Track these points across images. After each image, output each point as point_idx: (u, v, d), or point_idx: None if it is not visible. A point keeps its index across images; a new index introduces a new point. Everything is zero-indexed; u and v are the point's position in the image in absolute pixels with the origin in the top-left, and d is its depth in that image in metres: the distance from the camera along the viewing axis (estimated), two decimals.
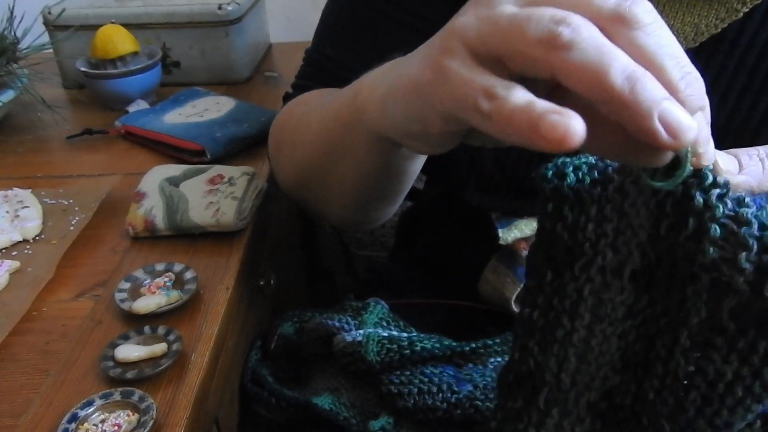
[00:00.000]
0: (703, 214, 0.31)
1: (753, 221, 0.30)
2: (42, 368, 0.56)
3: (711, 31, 0.53)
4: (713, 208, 0.31)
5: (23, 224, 0.71)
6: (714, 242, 0.30)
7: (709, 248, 0.30)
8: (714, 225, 0.30)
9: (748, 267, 0.30)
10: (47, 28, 1.04)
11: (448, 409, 0.56)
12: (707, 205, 0.31)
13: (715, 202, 0.31)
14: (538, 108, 0.29)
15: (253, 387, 0.66)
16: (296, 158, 0.64)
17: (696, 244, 0.31)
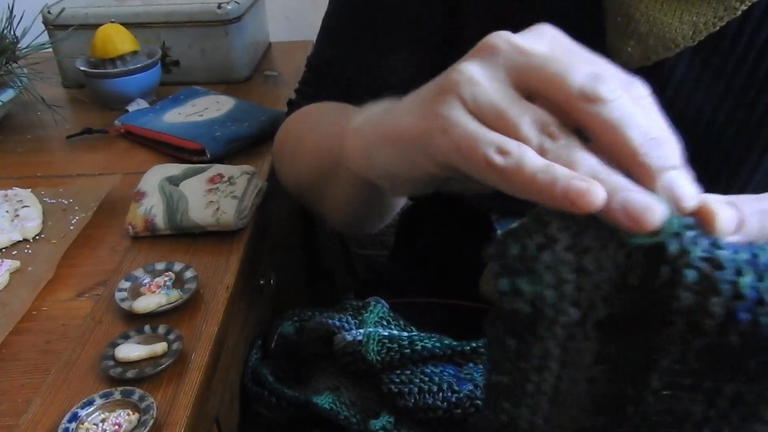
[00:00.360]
0: (678, 260, 0.30)
1: (727, 265, 0.30)
2: (42, 368, 0.56)
3: (709, 29, 0.53)
4: (688, 253, 0.30)
5: (23, 224, 0.71)
6: (689, 288, 0.30)
7: (684, 294, 0.30)
8: (689, 271, 0.29)
9: (719, 311, 0.29)
10: (47, 27, 1.04)
11: (448, 409, 0.56)
12: (682, 251, 0.30)
13: (689, 246, 0.30)
14: (560, 173, 0.31)
15: (253, 386, 0.66)
16: (294, 173, 0.67)
17: (671, 291, 0.30)
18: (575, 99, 0.33)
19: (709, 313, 0.29)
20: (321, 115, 0.67)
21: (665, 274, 0.30)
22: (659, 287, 0.30)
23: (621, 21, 0.54)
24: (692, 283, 0.30)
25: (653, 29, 0.53)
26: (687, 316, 0.30)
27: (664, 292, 0.30)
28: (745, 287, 0.29)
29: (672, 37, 0.53)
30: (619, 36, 0.55)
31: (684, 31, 0.53)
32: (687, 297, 0.30)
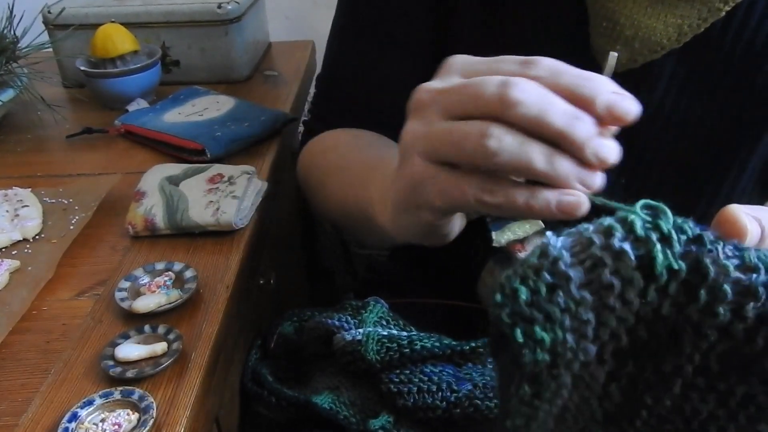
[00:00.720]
0: (717, 280, 0.29)
1: (760, 266, 0.29)
2: (42, 367, 0.56)
3: (694, 31, 0.53)
4: (726, 268, 0.29)
5: (23, 223, 0.71)
6: (727, 303, 0.29)
7: (721, 310, 0.29)
8: (728, 287, 0.29)
9: (751, 315, 0.29)
10: (47, 27, 1.04)
11: (447, 408, 0.56)
12: (720, 268, 0.29)
13: (724, 260, 0.29)
14: (549, 195, 0.37)
15: (253, 386, 0.66)
16: (327, 209, 0.71)
17: (708, 310, 0.29)
18: (499, 110, 0.36)
19: (742, 318, 0.29)
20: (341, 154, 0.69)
21: (704, 298, 0.29)
22: (695, 311, 0.29)
23: (606, 25, 0.55)
24: (733, 293, 0.29)
25: (638, 32, 0.54)
26: (719, 326, 0.29)
27: (701, 313, 0.29)
28: None
29: (657, 40, 0.54)
30: (605, 40, 0.55)
31: (669, 34, 0.53)
32: (725, 312, 0.29)
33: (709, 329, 0.30)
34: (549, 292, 0.30)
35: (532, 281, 0.30)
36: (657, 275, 0.29)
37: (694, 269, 0.29)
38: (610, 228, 0.30)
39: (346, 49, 0.71)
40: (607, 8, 0.54)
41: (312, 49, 1.22)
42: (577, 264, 0.30)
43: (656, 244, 0.29)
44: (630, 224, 0.30)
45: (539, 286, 0.30)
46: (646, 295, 0.30)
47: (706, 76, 0.56)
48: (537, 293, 0.30)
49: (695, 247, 0.29)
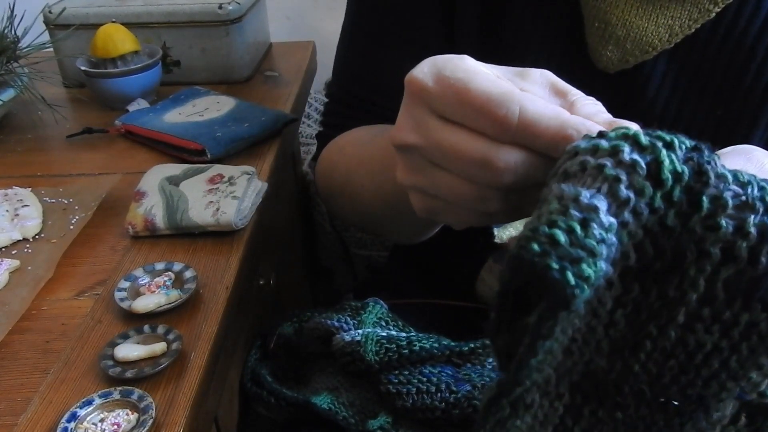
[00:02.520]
0: (718, 187, 0.30)
1: (752, 181, 0.30)
2: (41, 367, 0.57)
3: (685, 31, 0.54)
4: (725, 177, 0.30)
5: (23, 223, 0.72)
6: (729, 215, 0.30)
7: (724, 222, 0.30)
8: (728, 196, 0.30)
9: (753, 231, 0.29)
10: (47, 26, 1.04)
11: (446, 409, 0.56)
12: (719, 176, 0.30)
13: (722, 169, 0.30)
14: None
15: (252, 386, 0.67)
16: (359, 206, 0.68)
17: (711, 222, 0.30)
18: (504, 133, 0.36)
19: (745, 234, 0.29)
20: (362, 145, 0.67)
21: (706, 206, 0.30)
22: (698, 222, 0.30)
23: (598, 26, 0.55)
24: (732, 207, 0.30)
25: (630, 33, 0.54)
26: (723, 244, 0.30)
27: (704, 224, 0.30)
28: None
29: (649, 41, 0.54)
30: (597, 41, 0.56)
31: (660, 34, 0.54)
32: (727, 224, 0.30)
33: (712, 246, 0.30)
34: (584, 228, 0.29)
35: (562, 222, 0.29)
36: (663, 180, 0.30)
37: (696, 174, 0.30)
38: (617, 147, 0.31)
39: (359, 55, 0.71)
40: (599, 9, 0.55)
41: (313, 50, 1.22)
42: (597, 192, 0.30)
43: (662, 150, 0.30)
44: (634, 137, 0.31)
45: (572, 224, 0.29)
46: (653, 202, 0.30)
47: (697, 76, 0.56)
48: (572, 232, 0.29)
49: (696, 155, 0.30)
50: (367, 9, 0.69)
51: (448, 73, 0.38)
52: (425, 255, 0.79)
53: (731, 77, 0.55)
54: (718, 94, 0.56)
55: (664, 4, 0.53)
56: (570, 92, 0.39)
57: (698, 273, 0.31)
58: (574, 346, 0.34)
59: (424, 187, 0.41)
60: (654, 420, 0.36)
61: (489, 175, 0.37)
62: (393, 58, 0.68)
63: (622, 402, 0.35)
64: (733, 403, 0.35)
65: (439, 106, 0.38)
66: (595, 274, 0.29)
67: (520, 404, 0.34)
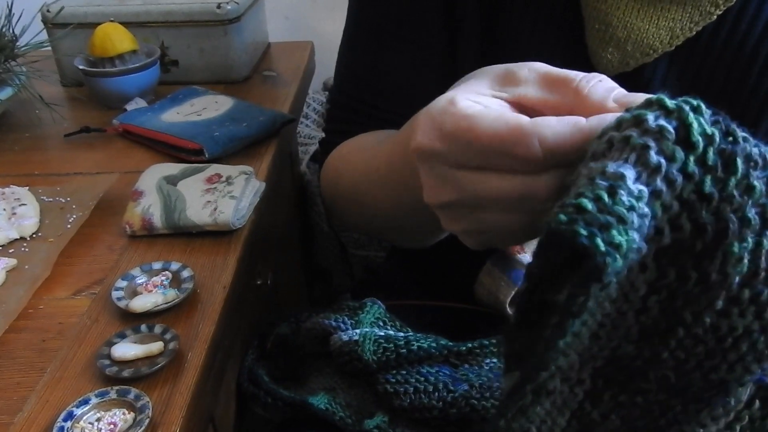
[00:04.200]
0: (747, 145, 0.29)
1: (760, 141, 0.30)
2: (38, 366, 0.56)
3: (686, 34, 0.54)
4: (748, 139, 0.30)
5: (20, 222, 0.71)
6: (760, 174, 0.29)
7: (756, 182, 0.29)
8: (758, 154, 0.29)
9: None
10: (46, 25, 1.04)
11: (443, 408, 0.56)
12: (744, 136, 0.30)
13: (743, 132, 0.30)
14: None
15: (249, 386, 0.66)
16: (364, 219, 0.68)
17: (747, 183, 0.29)
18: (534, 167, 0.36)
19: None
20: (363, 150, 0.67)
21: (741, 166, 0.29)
22: (736, 185, 0.29)
23: (599, 28, 0.55)
24: (762, 166, 0.30)
25: (631, 35, 0.54)
26: (759, 208, 0.29)
27: (741, 187, 0.29)
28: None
29: (649, 43, 0.54)
30: (598, 43, 0.55)
31: (661, 37, 0.54)
32: (760, 182, 0.29)
33: (750, 211, 0.29)
34: (611, 195, 0.28)
35: (589, 192, 0.28)
36: (694, 143, 0.29)
37: (725, 135, 0.29)
38: (640, 115, 0.30)
39: (360, 60, 0.71)
40: (600, 11, 0.54)
41: (311, 50, 1.22)
42: (624, 162, 0.29)
43: (690, 113, 0.30)
44: (659, 102, 0.30)
45: (599, 193, 0.28)
46: (686, 167, 0.29)
47: (698, 79, 0.56)
48: (600, 200, 0.28)
49: (721, 118, 0.30)
50: (369, 14, 0.69)
51: (450, 128, 0.38)
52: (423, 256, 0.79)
53: (732, 80, 0.55)
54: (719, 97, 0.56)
55: (665, 6, 0.53)
56: (569, 80, 0.38)
57: (742, 248, 0.29)
58: (602, 331, 0.33)
59: (473, 230, 0.41)
60: (671, 405, 0.35)
61: (534, 203, 0.37)
62: (395, 62, 0.67)
63: (646, 387, 0.35)
64: (750, 387, 0.34)
65: (458, 160, 0.38)
66: (627, 244, 0.28)
67: (542, 391, 0.34)
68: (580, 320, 0.31)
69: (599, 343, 0.34)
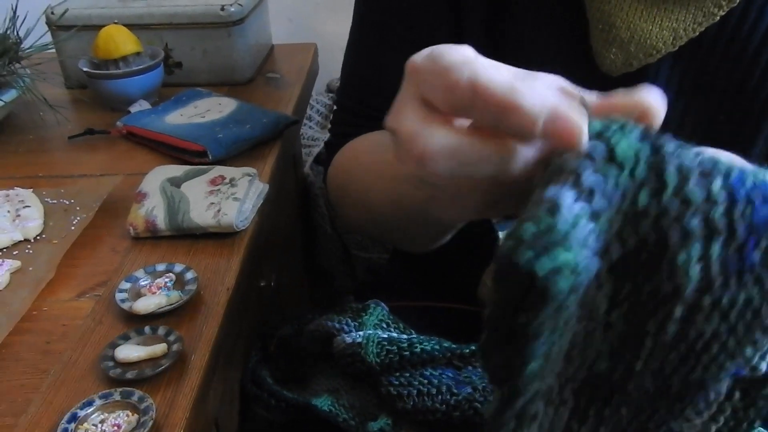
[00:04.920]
0: (678, 157, 0.31)
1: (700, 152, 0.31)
2: (42, 368, 0.56)
3: (689, 35, 0.54)
4: (677, 149, 0.31)
5: (24, 224, 0.72)
6: (697, 182, 0.30)
7: (695, 191, 0.30)
8: (691, 165, 0.30)
9: (723, 196, 0.30)
10: (50, 28, 1.04)
11: (447, 411, 0.56)
12: (674, 148, 0.31)
13: (677, 144, 0.31)
14: None
15: (253, 388, 0.66)
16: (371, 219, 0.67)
17: (682, 195, 0.30)
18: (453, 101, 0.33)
19: (714, 201, 0.30)
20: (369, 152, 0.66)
21: (674, 178, 0.30)
22: (670, 197, 0.30)
23: (602, 29, 0.55)
24: (699, 173, 0.30)
25: (634, 36, 0.54)
26: (702, 215, 0.30)
27: (677, 199, 0.30)
28: (726, 165, 0.30)
29: (653, 44, 0.54)
30: (601, 43, 0.55)
31: (665, 37, 0.54)
32: (698, 192, 0.30)
33: (691, 220, 0.30)
34: (551, 216, 0.29)
35: (531, 216, 0.29)
36: (622, 161, 0.31)
37: (654, 149, 0.31)
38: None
39: (366, 62, 0.70)
40: (603, 11, 0.54)
41: (314, 52, 1.22)
42: (562, 186, 0.30)
43: (616, 131, 0.31)
44: (590, 126, 0.32)
45: (540, 215, 0.29)
46: (619, 184, 0.31)
47: (700, 81, 0.56)
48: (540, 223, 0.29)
49: (650, 134, 0.32)
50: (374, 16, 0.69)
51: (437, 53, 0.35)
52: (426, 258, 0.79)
53: (735, 82, 0.55)
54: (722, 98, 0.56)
55: (669, 8, 0.53)
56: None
57: (688, 258, 0.30)
58: (574, 351, 0.34)
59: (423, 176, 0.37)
60: (656, 408, 0.36)
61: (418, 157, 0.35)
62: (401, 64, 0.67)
63: (628, 398, 0.36)
64: (728, 381, 0.35)
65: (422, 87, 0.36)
66: (573, 262, 0.28)
67: (525, 416, 0.34)
68: (544, 343, 0.30)
69: (574, 364, 0.35)
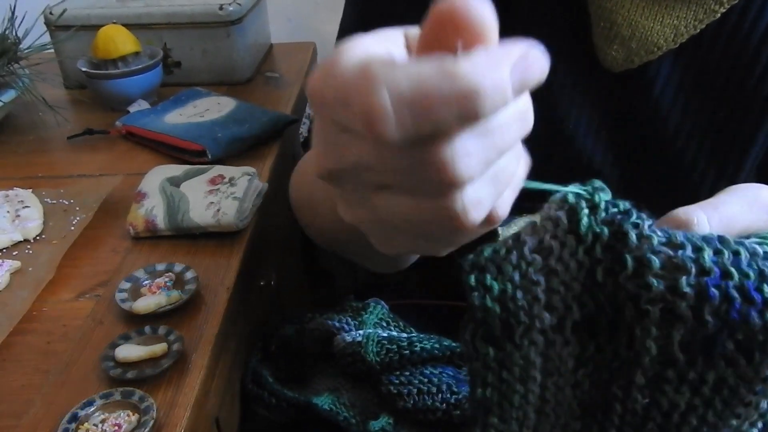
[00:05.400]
0: (641, 248, 0.31)
1: (686, 243, 0.31)
2: (43, 368, 0.57)
3: (690, 32, 0.54)
4: (650, 239, 0.31)
5: (24, 224, 0.72)
6: (656, 274, 0.30)
7: (653, 281, 0.30)
8: (653, 256, 0.31)
9: (689, 291, 0.30)
10: (48, 28, 1.04)
11: (447, 410, 0.56)
12: (643, 238, 0.31)
13: (648, 232, 0.31)
14: None
15: (253, 387, 0.66)
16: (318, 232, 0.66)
17: (639, 281, 0.31)
18: None
19: (681, 294, 0.30)
20: None
21: (631, 265, 0.31)
22: (626, 279, 0.31)
23: (604, 25, 0.55)
24: (659, 267, 0.31)
25: (635, 33, 0.54)
26: (661, 304, 0.31)
27: (633, 283, 0.31)
28: (708, 261, 0.30)
29: (654, 40, 0.54)
30: (603, 40, 0.56)
31: (666, 35, 0.54)
32: (657, 283, 0.30)
33: (649, 304, 0.31)
34: (507, 252, 0.34)
35: (497, 246, 0.34)
36: (582, 237, 0.32)
37: (615, 234, 0.32)
38: (549, 204, 0.34)
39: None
40: (605, 8, 0.55)
41: (313, 51, 1.22)
42: (531, 234, 0.34)
43: (583, 209, 0.32)
44: (563, 196, 0.33)
45: (499, 248, 0.34)
46: (577, 255, 0.32)
47: (701, 77, 0.56)
48: (497, 252, 0.34)
49: (620, 217, 0.32)
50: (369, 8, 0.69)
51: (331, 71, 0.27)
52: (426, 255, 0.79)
53: (735, 79, 0.56)
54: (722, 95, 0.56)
55: (670, 4, 0.53)
56: None
57: (645, 334, 0.31)
58: (547, 408, 0.36)
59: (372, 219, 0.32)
60: None
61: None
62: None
63: None
64: None
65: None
66: (500, 291, 0.33)
67: None
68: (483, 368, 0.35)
69: (549, 421, 0.36)
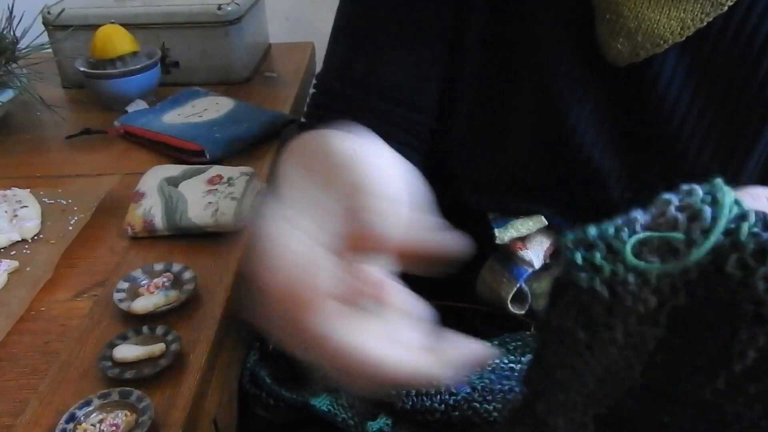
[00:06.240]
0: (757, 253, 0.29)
1: None
2: (40, 368, 0.56)
3: (697, 25, 0.54)
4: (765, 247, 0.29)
5: (22, 224, 0.71)
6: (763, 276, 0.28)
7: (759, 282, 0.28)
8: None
9: None
10: (46, 27, 1.04)
11: (446, 411, 0.56)
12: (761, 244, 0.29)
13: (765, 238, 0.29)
14: None
15: (251, 388, 0.66)
16: None
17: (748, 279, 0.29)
18: None
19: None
20: None
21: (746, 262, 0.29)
22: (760, 279, 0.29)
23: (610, 18, 0.55)
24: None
25: (641, 26, 0.54)
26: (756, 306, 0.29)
27: (765, 285, 0.29)
28: None
29: (660, 33, 0.54)
30: (608, 33, 0.55)
31: (672, 27, 0.54)
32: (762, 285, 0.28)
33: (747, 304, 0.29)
34: (616, 231, 0.30)
35: (603, 225, 0.31)
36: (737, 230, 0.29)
37: (761, 249, 0.29)
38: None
39: (348, 46, 0.70)
40: (611, 1, 0.54)
41: (312, 51, 1.22)
42: (646, 214, 0.31)
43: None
44: (717, 190, 0.31)
45: (607, 226, 0.31)
46: (711, 234, 0.29)
47: (707, 71, 0.56)
48: (605, 231, 0.31)
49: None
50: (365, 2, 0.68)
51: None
52: None
53: (742, 73, 0.55)
54: (729, 89, 0.56)
55: None
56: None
57: (750, 341, 0.29)
58: (608, 378, 0.33)
59: None
60: None
61: None
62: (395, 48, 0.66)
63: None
64: None
65: None
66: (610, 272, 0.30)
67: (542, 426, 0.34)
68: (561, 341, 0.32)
69: (604, 390, 0.34)
